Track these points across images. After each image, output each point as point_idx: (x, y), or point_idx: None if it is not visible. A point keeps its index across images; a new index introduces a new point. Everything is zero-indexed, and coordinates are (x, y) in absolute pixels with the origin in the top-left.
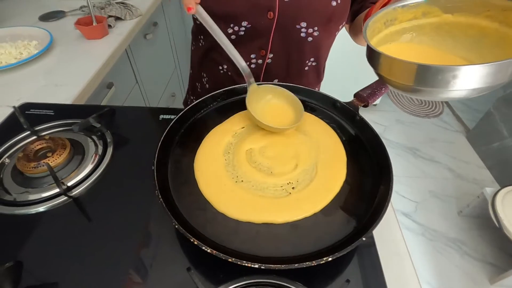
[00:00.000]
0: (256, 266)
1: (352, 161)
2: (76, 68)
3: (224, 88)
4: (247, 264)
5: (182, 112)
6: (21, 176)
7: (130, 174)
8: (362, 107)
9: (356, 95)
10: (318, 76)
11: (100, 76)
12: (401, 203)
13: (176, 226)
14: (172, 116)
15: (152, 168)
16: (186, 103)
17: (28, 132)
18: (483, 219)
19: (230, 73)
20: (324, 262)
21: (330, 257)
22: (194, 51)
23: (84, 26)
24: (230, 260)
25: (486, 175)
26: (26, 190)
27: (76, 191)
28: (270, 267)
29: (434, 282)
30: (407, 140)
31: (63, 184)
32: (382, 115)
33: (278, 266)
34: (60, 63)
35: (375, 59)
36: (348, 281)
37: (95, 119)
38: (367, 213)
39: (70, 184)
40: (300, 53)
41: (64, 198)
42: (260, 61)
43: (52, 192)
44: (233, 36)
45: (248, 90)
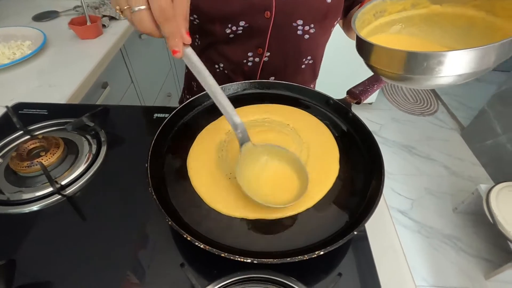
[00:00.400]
0: (249, 261)
1: (345, 157)
2: (70, 68)
3: (219, 86)
4: (239, 259)
5: (175, 110)
6: (14, 175)
7: (124, 172)
8: (355, 103)
9: (348, 92)
10: (314, 74)
11: (95, 76)
12: (397, 201)
13: (169, 223)
14: (166, 115)
15: (146, 165)
16: (181, 102)
17: (21, 132)
18: (478, 215)
19: (226, 71)
20: (316, 256)
21: (322, 251)
22: None
23: (78, 26)
24: (222, 255)
25: (481, 172)
26: (19, 190)
27: (70, 190)
28: (263, 261)
29: (430, 279)
30: (402, 138)
31: (56, 183)
32: (378, 113)
33: (270, 260)
34: (54, 63)
35: (365, 49)
36: (340, 274)
37: (88, 118)
38: (359, 207)
39: (63, 183)
40: (297, 50)
41: (58, 197)
42: (257, 59)
43: (46, 191)
44: (231, 35)
45: (240, 151)
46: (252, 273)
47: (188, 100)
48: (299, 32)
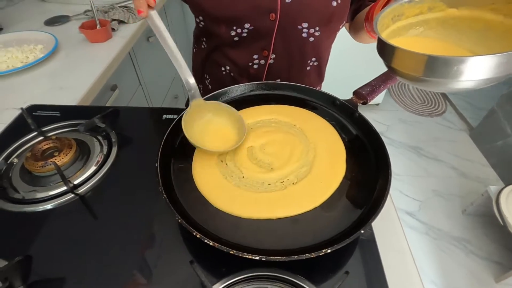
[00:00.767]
0: (257, 258)
1: (351, 157)
2: (80, 71)
3: (226, 88)
4: (248, 256)
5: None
6: (29, 175)
7: (134, 172)
8: (361, 104)
9: (355, 93)
10: (320, 76)
11: (104, 78)
12: (404, 202)
13: (179, 221)
14: (175, 116)
15: (156, 165)
16: (188, 104)
17: (35, 133)
18: (487, 217)
19: (232, 73)
20: (323, 254)
21: (329, 249)
22: (196, 53)
23: (88, 30)
24: (231, 252)
25: (490, 173)
26: (34, 189)
27: (82, 189)
28: (270, 259)
29: (439, 281)
30: (410, 139)
31: (69, 182)
32: (385, 114)
33: (278, 258)
34: (65, 66)
35: (386, 51)
36: (347, 272)
37: (100, 119)
38: (366, 207)
39: (76, 182)
40: (302, 53)
41: (71, 196)
42: (262, 61)
43: (59, 190)
44: (236, 38)
45: (189, 105)
46: (260, 271)
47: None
48: (304, 35)
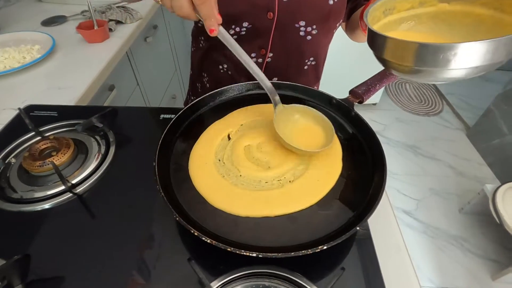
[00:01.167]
0: (254, 255)
1: (348, 155)
2: (78, 71)
3: (223, 87)
4: (245, 253)
5: (181, 111)
6: (27, 174)
7: (132, 172)
8: (357, 103)
9: (351, 92)
10: (317, 75)
11: (102, 78)
12: (402, 201)
13: (177, 219)
14: (173, 115)
15: (153, 164)
16: (187, 103)
17: (33, 133)
18: (484, 216)
19: (230, 72)
20: (319, 250)
21: (325, 245)
22: (194, 52)
23: (85, 30)
24: (229, 249)
25: (487, 172)
26: (31, 188)
27: (80, 189)
28: (267, 255)
29: (436, 279)
30: (407, 138)
31: (67, 181)
32: (382, 114)
33: (275, 254)
34: (63, 66)
35: (377, 42)
36: (343, 269)
37: (97, 119)
38: (362, 204)
39: (74, 181)
40: (300, 51)
41: (69, 195)
42: (260, 60)
43: (57, 190)
44: (234, 36)
45: (274, 111)
46: (257, 268)
47: (194, 101)
48: (301, 33)
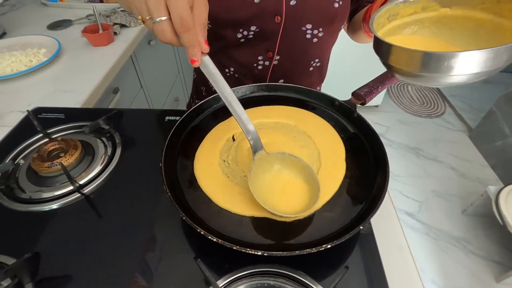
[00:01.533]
0: (259, 254)
1: (351, 156)
2: (83, 75)
3: None
4: (250, 252)
5: (187, 113)
6: (35, 175)
7: (138, 173)
8: (360, 105)
9: (353, 94)
10: (321, 77)
11: (107, 81)
12: (404, 203)
13: (183, 218)
14: (177, 118)
15: (160, 165)
16: (189, 106)
17: (41, 135)
18: (487, 217)
19: (236, 75)
20: (323, 249)
21: (329, 244)
22: None
23: (90, 33)
24: (234, 248)
25: (490, 174)
26: (40, 189)
27: (87, 189)
28: (272, 253)
29: (439, 281)
30: (409, 140)
31: (75, 182)
32: (384, 115)
33: (280, 253)
34: (68, 69)
35: (383, 49)
36: (347, 267)
37: (104, 121)
38: (365, 203)
39: (81, 182)
40: (306, 54)
41: (76, 196)
42: (267, 62)
43: (64, 190)
44: (242, 40)
45: (253, 159)
46: (262, 267)
47: (199, 103)
48: (308, 36)
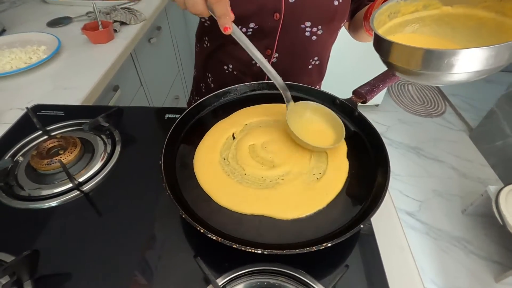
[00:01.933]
0: (259, 252)
1: (352, 154)
2: (83, 72)
3: (228, 87)
4: (250, 250)
5: (187, 111)
6: (34, 173)
7: (137, 170)
8: (360, 103)
9: (354, 92)
10: (321, 75)
11: (106, 79)
12: (405, 203)
13: (183, 216)
14: (177, 115)
15: (160, 162)
16: (190, 104)
17: (40, 132)
18: (487, 217)
19: (235, 72)
20: (323, 248)
21: (330, 243)
22: (199, 53)
23: (90, 31)
24: (234, 246)
25: (490, 174)
26: (39, 186)
27: (87, 187)
28: (272, 252)
29: (439, 281)
30: (410, 139)
31: (75, 179)
32: (385, 115)
33: (280, 251)
34: (68, 67)
35: (383, 47)
36: (347, 266)
37: (103, 118)
38: (366, 202)
39: (81, 180)
40: (305, 51)
41: (76, 193)
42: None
43: (63, 188)
44: None
45: (287, 108)
46: (262, 265)
47: (199, 101)
48: (307, 34)
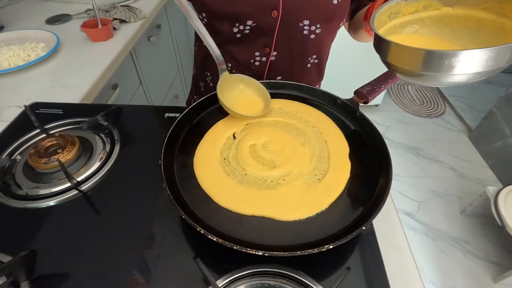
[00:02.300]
0: (260, 254)
1: (353, 155)
2: (82, 70)
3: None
4: (251, 252)
5: (187, 110)
6: (32, 172)
7: (136, 170)
8: (362, 103)
9: (356, 92)
10: (320, 74)
11: (106, 77)
12: (403, 203)
13: (183, 217)
14: (177, 114)
15: (159, 162)
16: (189, 103)
17: (38, 130)
18: (486, 218)
19: (234, 70)
20: (325, 249)
21: (331, 245)
22: (198, 51)
23: (89, 28)
24: (235, 247)
25: (489, 174)
26: (37, 185)
27: (85, 186)
28: (274, 254)
29: (437, 281)
30: (409, 140)
31: (73, 178)
32: (384, 115)
33: (281, 253)
34: (67, 64)
35: (383, 47)
36: (348, 268)
37: (102, 117)
38: (367, 204)
39: (79, 179)
40: (303, 50)
41: (74, 193)
42: (264, 58)
43: (61, 187)
44: (238, 35)
45: (220, 77)
46: (262, 267)
47: (199, 100)
48: (305, 32)
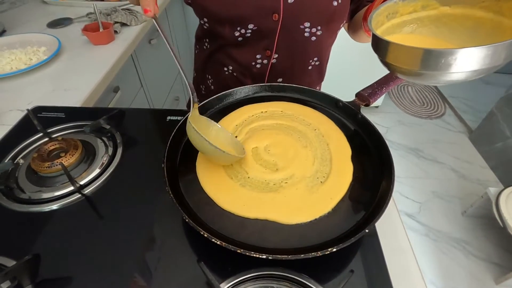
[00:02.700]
0: (264, 257)
1: (355, 158)
2: (84, 73)
3: (230, 89)
4: (255, 255)
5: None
6: (35, 175)
7: (139, 173)
8: (363, 106)
9: (357, 95)
10: (320, 76)
11: (107, 80)
12: (404, 204)
13: (186, 220)
14: (179, 117)
15: (162, 165)
16: (189, 106)
17: (41, 134)
18: (487, 219)
19: (235, 73)
20: (329, 252)
21: (335, 247)
22: (198, 54)
23: (91, 32)
24: (239, 251)
25: (490, 175)
26: (40, 189)
27: (88, 190)
28: (277, 257)
29: (438, 283)
30: (409, 141)
31: (76, 182)
32: (384, 116)
33: (285, 256)
34: (68, 68)
35: (381, 47)
36: (352, 271)
37: (105, 120)
38: (370, 207)
39: (82, 183)
40: (304, 52)
41: (77, 196)
42: (265, 61)
43: (64, 191)
44: (239, 38)
45: (191, 107)
46: (266, 270)
47: (202, 103)
48: (306, 34)
